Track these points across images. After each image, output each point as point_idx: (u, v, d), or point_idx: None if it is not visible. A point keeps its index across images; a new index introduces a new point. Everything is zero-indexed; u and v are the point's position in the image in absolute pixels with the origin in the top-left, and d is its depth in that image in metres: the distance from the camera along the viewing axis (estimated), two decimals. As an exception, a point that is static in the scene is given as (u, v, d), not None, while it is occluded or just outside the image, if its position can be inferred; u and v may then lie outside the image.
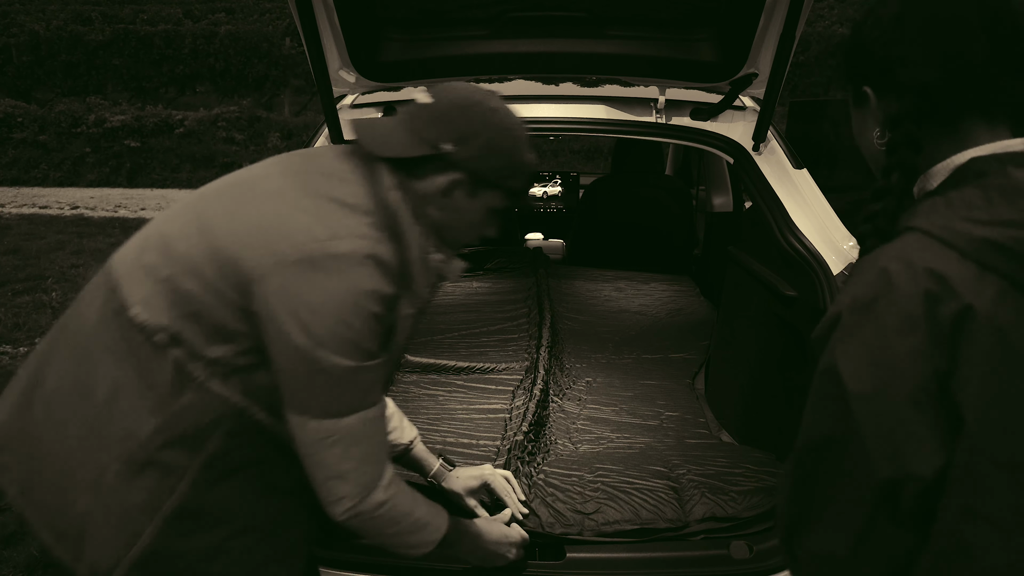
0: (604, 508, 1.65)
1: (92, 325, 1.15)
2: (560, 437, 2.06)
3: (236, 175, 1.25)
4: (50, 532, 1.11)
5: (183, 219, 1.17)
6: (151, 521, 1.09)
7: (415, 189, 1.19)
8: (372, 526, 1.16)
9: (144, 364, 1.09)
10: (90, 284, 1.23)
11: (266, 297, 1.06)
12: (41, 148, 10.83)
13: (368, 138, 1.20)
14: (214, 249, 1.09)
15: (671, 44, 2.08)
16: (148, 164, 10.75)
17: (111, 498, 1.09)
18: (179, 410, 1.09)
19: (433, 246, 1.22)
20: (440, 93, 1.21)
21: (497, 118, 1.20)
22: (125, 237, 1.27)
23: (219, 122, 11.20)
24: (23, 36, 13.19)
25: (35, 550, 2.44)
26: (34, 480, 1.13)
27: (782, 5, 1.78)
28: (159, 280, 1.11)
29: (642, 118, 2.22)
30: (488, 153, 1.18)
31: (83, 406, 1.11)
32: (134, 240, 1.22)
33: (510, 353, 2.59)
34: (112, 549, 1.09)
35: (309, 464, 1.12)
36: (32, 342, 4.35)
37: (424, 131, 1.17)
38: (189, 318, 1.09)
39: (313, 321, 1.04)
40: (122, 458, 1.09)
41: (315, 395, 1.08)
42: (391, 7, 2.01)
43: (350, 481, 1.11)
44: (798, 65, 12.71)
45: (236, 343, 1.10)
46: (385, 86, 2.21)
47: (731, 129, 2.18)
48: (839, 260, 1.77)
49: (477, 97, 1.20)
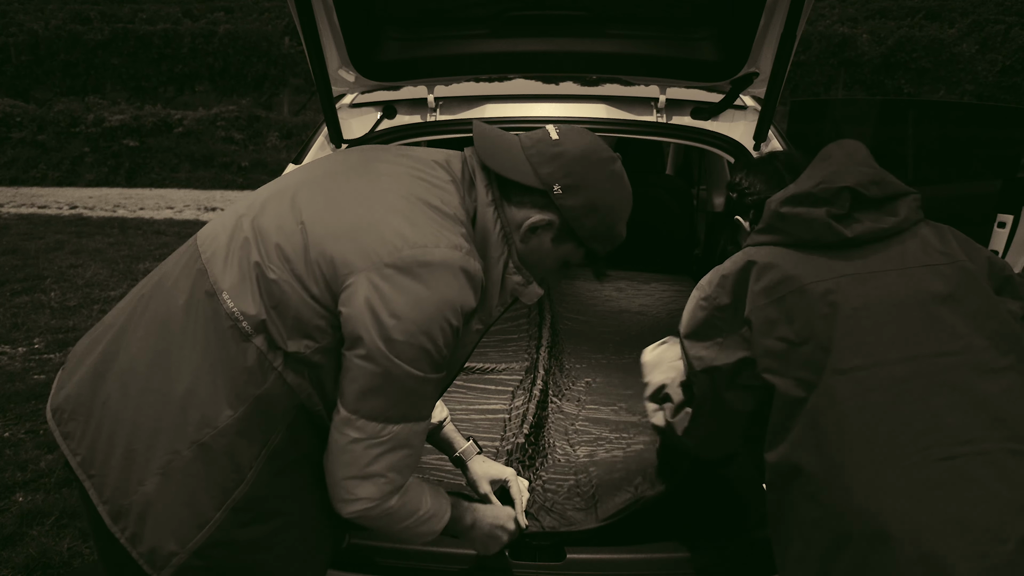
0: (602, 499, 1.67)
1: (180, 306, 1.14)
2: (559, 439, 2.05)
3: (328, 164, 1.25)
4: (110, 508, 1.10)
5: (276, 208, 1.17)
6: (218, 510, 1.09)
7: (508, 214, 1.21)
8: (380, 524, 1.17)
9: (228, 351, 1.09)
10: (173, 262, 1.22)
11: (352, 297, 1.06)
12: (40, 148, 10.82)
13: (487, 148, 1.21)
14: (307, 244, 1.10)
15: (672, 43, 2.07)
16: (147, 164, 10.74)
17: (181, 483, 1.08)
18: (255, 400, 1.09)
19: (514, 267, 1.22)
20: (568, 135, 1.23)
21: (612, 182, 1.23)
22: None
23: (218, 121, 11.19)
24: (22, 35, 13.17)
25: (34, 551, 2.44)
26: (100, 454, 1.11)
27: (783, 4, 1.77)
28: (249, 267, 1.11)
29: (643, 117, 2.21)
30: (589, 211, 1.21)
31: (161, 387, 1.10)
32: (222, 221, 1.21)
33: (510, 353, 2.58)
34: (177, 534, 1.08)
35: (336, 458, 1.12)
36: (31, 342, 4.34)
37: (542, 166, 1.19)
38: (275, 309, 1.09)
39: (395, 326, 1.05)
40: (196, 445, 1.08)
41: (375, 398, 1.08)
42: (390, 6, 2.00)
43: (374, 485, 1.12)
44: (799, 64, 12.71)
45: (314, 339, 1.10)
46: (384, 85, 2.20)
47: (732, 128, 2.17)
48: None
49: (603, 154, 1.22)
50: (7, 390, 3.67)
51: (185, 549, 1.08)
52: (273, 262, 1.10)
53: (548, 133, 1.23)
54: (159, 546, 1.08)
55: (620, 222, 1.27)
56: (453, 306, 1.09)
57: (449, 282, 1.08)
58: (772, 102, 1.98)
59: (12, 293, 5.22)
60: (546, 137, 1.22)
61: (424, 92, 2.20)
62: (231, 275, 1.12)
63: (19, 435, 3.26)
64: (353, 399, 1.09)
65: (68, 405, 1.16)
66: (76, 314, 4.83)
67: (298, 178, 1.24)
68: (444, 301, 1.08)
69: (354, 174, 1.21)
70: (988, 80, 13.59)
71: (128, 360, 1.14)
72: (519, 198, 1.21)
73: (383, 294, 1.05)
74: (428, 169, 1.22)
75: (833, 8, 15.51)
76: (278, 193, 1.21)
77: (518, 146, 1.23)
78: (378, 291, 1.05)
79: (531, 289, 1.26)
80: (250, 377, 1.09)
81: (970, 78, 13.52)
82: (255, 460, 1.10)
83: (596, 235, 1.25)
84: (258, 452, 1.11)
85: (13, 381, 3.78)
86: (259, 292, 1.10)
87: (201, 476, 1.08)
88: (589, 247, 1.27)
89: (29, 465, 2.98)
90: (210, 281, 1.13)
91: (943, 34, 13.61)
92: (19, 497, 2.78)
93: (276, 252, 1.11)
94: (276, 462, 1.12)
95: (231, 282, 1.11)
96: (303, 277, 1.09)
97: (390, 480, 1.13)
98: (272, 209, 1.17)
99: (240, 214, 1.19)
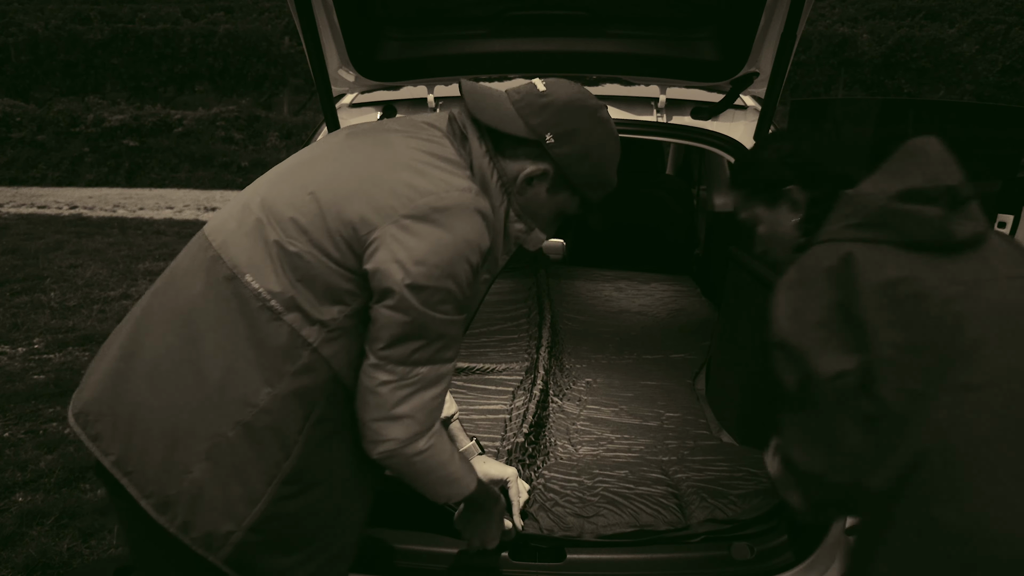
0: (603, 512, 1.64)
1: (197, 294, 1.14)
2: (560, 438, 2.05)
3: (324, 145, 1.28)
4: (155, 501, 1.10)
5: (283, 186, 1.19)
6: (268, 485, 1.11)
7: (503, 167, 1.23)
8: (408, 469, 1.19)
9: (258, 331, 1.11)
10: (182, 257, 1.23)
11: (376, 253, 1.09)
12: (39, 148, 10.82)
13: (477, 103, 1.24)
14: (322, 211, 1.12)
15: (672, 43, 2.07)
16: (147, 164, 10.74)
17: (229, 464, 1.09)
18: (294, 375, 1.11)
19: (515, 215, 1.26)
20: (555, 86, 1.25)
21: (601, 129, 1.26)
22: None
23: (218, 121, 11.19)
24: (21, 35, 13.16)
25: (34, 551, 2.43)
26: (135, 451, 1.12)
27: (783, 4, 1.77)
28: (267, 244, 1.13)
29: (643, 117, 2.21)
30: (582, 157, 1.24)
31: (194, 376, 1.11)
32: (228, 211, 1.23)
33: (510, 353, 2.58)
34: (232, 513, 1.10)
35: (366, 402, 1.14)
36: (31, 342, 4.34)
37: (532, 116, 1.22)
38: (301, 282, 1.11)
39: (420, 273, 1.08)
40: (240, 425, 1.09)
41: (404, 344, 1.11)
42: (390, 6, 2.00)
43: (402, 425, 1.14)
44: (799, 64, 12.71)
45: (345, 303, 1.13)
46: (384, 85, 2.20)
47: (732, 128, 2.17)
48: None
49: (590, 103, 1.26)
50: (7, 390, 3.66)
51: (241, 527, 1.10)
52: (292, 235, 1.12)
53: (535, 86, 1.26)
54: (214, 528, 1.09)
55: (612, 167, 1.30)
56: (472, 246, 1.12)
57: (465, 223, 1.12)
58: (772, 102, 1.98)
59: (12, 293, 5.22)
60: (533, 89, 1.25)
61: (424, 92, 2.20)
62: (250, 256, 1.13)
63: (19, 435, 3.26)
64: (382, 345, 1.12)
65: (92, 408, 1.16)
66: (76, 314, 4.83)
67: (295, 160, 1.27)
68: (464, 242, 1.11)
69: (350, 146, 1.24)
70: (988, 80, 13.58)
71: (152, 356, 1.14)
72: (512, 151, 1.23)
73: (405, 244, 1.08)
74: (419, 129, 1.25)
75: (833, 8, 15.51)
76: (279, 175, 1.24)
77: (507, 100, 1.25)
78: (399, 242, 1.09)
79: (534, 235, 1.30)
80: (285, 353, 1.11)
81: (970, 78, 13.52)
82: (299, 433, 1.13)
83: (590, 182, 1.28)
84: (301, 425, 1.13)
85: (13, 381, 3.78)
86: (282, 268, 1.12)
87: (248, 454, 1.10)
88: (583, 195, 1.29)
89: (29, 465, 2.98)
90: (228, 266, 1.14)
91: (943, 34, 13.60)
92: (19, 497, 2.78)
93: (292, 225, 1.13)
94: (318, 432, 1.15)
95: (251, 263, 1.13)
96: (323, 244, 1.11)
97: (418, 421, 1.15)
98: (278, 189, 1.19)
99: (244, 201, 1.21)
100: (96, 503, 2.72)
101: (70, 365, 4.01)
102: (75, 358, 4.11)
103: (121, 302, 5.11)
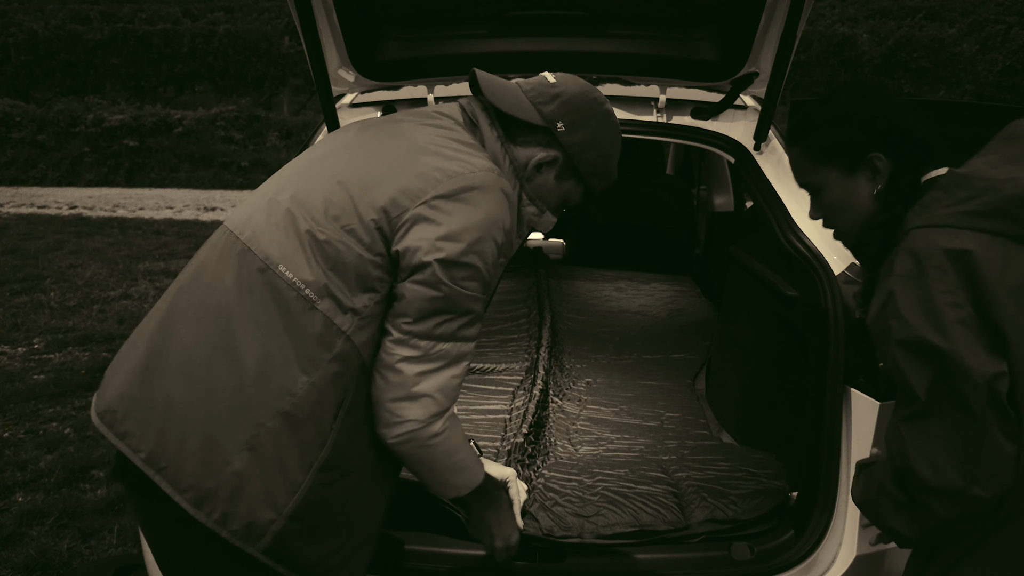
0: (604, 512, 1.64)
1: (230, 287, 1.15)
2: (560, 438, 2.05)
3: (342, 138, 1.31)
4: (192, 495, 1.10)
5: (309, 177, 1.22)
6: (307, 473, 1.12)
7: (514, 153, 1.28)
8: (423, 454, 1.19)
9: (294, 320, 1.12)
10: (206, 254, 1.23)
11: (408, 234, 1.12)
12: (39, 148, 10.82)
13: (493, 91, 1.29)
14: (350, 198, 1.15)
15: (672, 43, 2.07)
16: (147, 163, 10.75)
17: (271, 454, 1.10)
18: (328, 363, 1.12)
19: (528, 198, 1.30)
20: (565, 79, 1.32)
21: (608, 121, 1.32)
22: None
23: (218, 121, 11.19)
24: (21, 35, 13.17)
25: (34, 551, 2.43)
26: (171, 446, 1.11)
27: (783, 4, 1.77)
28: (299, 234, 1.14)
29: (643, 117, 2.21)
30: (590, 146, 1.30)
31: (230, 368, 1.11)
32: (251, 204, 1.24)
33: (510, 353, 2.58)
34: (273, 502, 1.10)
35: (386, 380, 1.14)
36: (31, 342, 4.34)
37: (544, 105, 1.28)
38: (334, 270, 1.13)
39: (450, 249, 1.11)
40: (280, 414, 1.10)
41: (429, 319, 1.14)
42: (390, 6, 2.00)
43: (420, 405, 1.14)
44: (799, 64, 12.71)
45: (376, 290, 1.15)
46: (384, 85, 2.20)
47: (732, 128, 2.17)
48: (840, 260, 1.76)
49: (598, 96, 1.32)
50: (7, 390, 3.67)
51: (281, 515, 1.11)
52: (322, 224, 1.14)
53: (546, 78, 1.32)
54: (255, 518, 1.10)
55: (615, 158, 1.36)
56: (498, 223, 1.16)
57: (492, 201, 1.16)
58: (772, 102, 1.98)
59: (12, 293, 5.22)
60: (544, 81, 1.32)
61: (424, 92, 2.20)
62: (282, 247, 1.15)
63: (19, 435, 3.26)
64: (407, 321, 1.14)
65: (119, 405, 1.16)
66: (76, 314, 4.83)
67: (315, 154, 1.29)
68: (491, 219, 1.15)
69: (369, 137, 1.28)
70: (988, 80, 13.58)
71: (183, 351, 1.14)
72: (523, 137, 1.29)
73: (435, 222, 1.12)
74: (432, 118, 1.29)
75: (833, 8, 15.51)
76: (301, 169, 1.26)
77: (519, 89, 1.31)
78: (430, 221, 1.12)
79: (546, 218, 1.34)
80: (320, 342, 1.12)
81: (970, 78, 13.52)
82: (334, 421, 1.14)
83: (595, 170, 1.33)
84: (336, 412, 1.14)
85: (13, 381, 3.78)
86: (315, 258, 1.13)
87: (289, 443, 1.11)
88: (588, 183, 1.35)
89: (29, 465, 2.98)
90: (259, 258, 1.15)
91: (943, 34, 13.61)
92: (19, 497, 2.78)
93: (323, 215, 1.15)
94: (351, 419, 1.16)
95: (284, 254, 1.14)
96: (356, 231, 1.13)
97: (437, 401, 1.16)
98: (304, 180, 1.22)
99: (270, 195, 1.23)
100: (96, 503, 2.72)
101: (70, 365, 4.01)
102: (75, 358, 4.11)
103: (121, 302, 5.11)
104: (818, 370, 1.63)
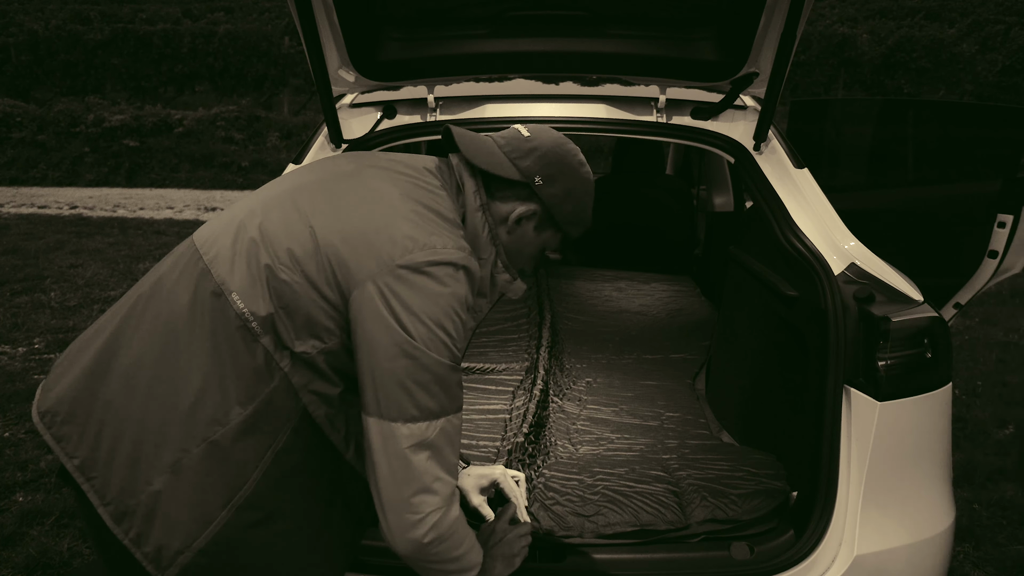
0: (604, 511, 1.64)
1: (184, 306, 1.15)
2: (560, 438, 2.05)
3: (322, 169, 1.31)
4: (113, 509, 1.09)
5: (281, 210, 1.20)
6: (224, 508, 1.10)
7: (494, 210, 1.31)
8: (442, 549, 1.14)
9: (236, 350, 1.12)
10: (170, 265, 1.22)
11: (367, 299, 1.10)
12: (40, 148, 10.82)
13: (471, 150, 1.31)
14: (317, 246, 1.14)
15: (672, 43, 2.07)
16: (147, 164, 10.75)
17: (190, 482, 1.09)
18: (264, 399, 1.12)
19: (501, 265, 1.32)
20: (538, 132, 1.35)
21: (582, 172, 1.36)
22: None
23: (218, 121, 11.20)
24: (22, 35, 13.17)
25: (34, 550, 2.44)
26: (102, 456, 1.11)
27: (783, 4, 1.77)
28: (258, 268, 1.14)
29: (643, 117, 2.21)
30: (566, 198, 1.33)
31: (169, 386, 1.11)
32: (221, 222, 1.23)
33: (510, 353, 2.58)
34: (184, 532, 1.09)
35: (395, 481, 1.10)
36: (31, 342, 4.34)
37: (520, 160, 1.31)
38: (284, 309, 1.13)
39: (414, 322, 1.10)
40: (206, 442, 1.09)
41: (412, 395, 1.10)
42: (390, 6, 2.00)
43: (439, 494, 1.12)
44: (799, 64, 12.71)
45: (321, 340, 1.14)
46: (384, 85, 2.20)
47: (732, 128, 2.17)
48: (840, 260, 1.76)
49: (571, 148, 1.36)
50: (7, 390, 3.67)
51: (190, 548, 1.09)
52: (284, 264, 1.13)
53: (519, 131, 1.35)
54: (165, 545, 1.08)
55: (590, 206, 1.39)
56: (460, 301, 1.16)
57: (457, 279, 1.15)
58: (772, 102, 1.98)
59: (12, 293, 5.22)
60: (518, 135, 1.34)
61: (424, 92, 2.20)
62: (240, 277, 1.14)
63: (19, 435, 3.26)
64: (389, 406, 1.10)
65: (61, 407, 1.15)
66: (76, 314, 4.83)
67: (295, 182, 1.27)
68: (454, 296, 1.14)
69: (353, 179, 1.26)
70: (988, 80, 13.58)
71: (131, 360, 1.14)
72: (502, 193, 1.32)
73: (398, 293, 1.10)
74: (420, 176, 1.29)
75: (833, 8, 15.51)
76: (278, 197, 1.23)
77: (495, 145, 1.34)
78: (393, 291, 1.10)
79: (516, 285, 1.37)
80: (259, 376, 1.12)
81: (970, 78, 13.51)
82: (260, 460, 1.12)
83: (572, 219, 1.37)
84: (263, 452, 1.12)
85: (13, 381, 3.78)
86: (269, 294, 1.13)
87: (209, 474, 1.09)
88: (566, 231, 1.39)
89: (29, 465, 2.98)
90: (216, 282, 1.14)
91: (943, 34, 13.60)
92: (19, 497, 2.78)
93: (287, 255, 1.14)
94: (281, 464, 1.14)
95: (241, 284, 1.13)
96: (314, 279, 1.12)
97: (448, 483, 1.14)
98: (276, 213, 1.20)
99: (240, 218, 1.21)
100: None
101: (70, 365, 4.00)
102: (75, 358, 4.11)
103: (121, 302, 5.11)
104: (818, 370, 1.63)
